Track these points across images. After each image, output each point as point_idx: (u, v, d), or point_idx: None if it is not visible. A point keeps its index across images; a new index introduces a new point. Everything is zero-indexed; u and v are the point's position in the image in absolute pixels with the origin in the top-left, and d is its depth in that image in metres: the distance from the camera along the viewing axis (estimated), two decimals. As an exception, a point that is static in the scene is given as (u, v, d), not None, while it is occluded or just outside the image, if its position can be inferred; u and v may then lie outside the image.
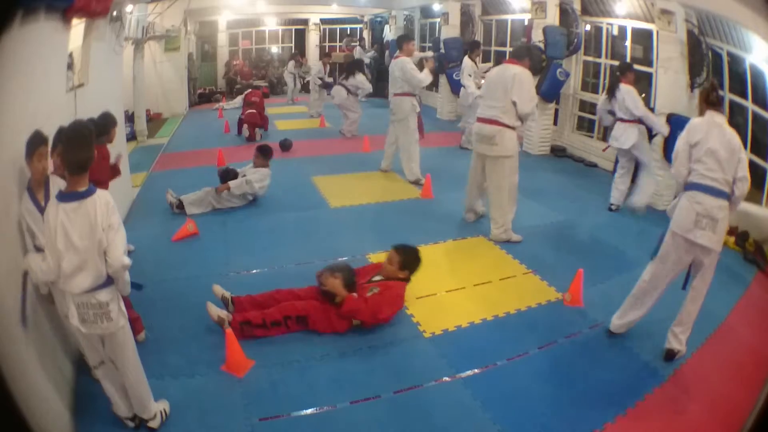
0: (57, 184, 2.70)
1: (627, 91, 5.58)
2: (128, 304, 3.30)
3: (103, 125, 3.74)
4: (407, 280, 3.82)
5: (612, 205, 5.95)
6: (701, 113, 3.24)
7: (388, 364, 3.29)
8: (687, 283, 3.34)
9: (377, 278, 3.82)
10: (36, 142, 2.55)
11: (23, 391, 1.92)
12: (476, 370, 3.22)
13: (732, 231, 5.12)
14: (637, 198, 5.85)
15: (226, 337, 3.21)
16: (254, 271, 4.45)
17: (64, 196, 2.30)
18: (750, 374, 3.06)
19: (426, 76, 6.47)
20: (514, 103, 4.81)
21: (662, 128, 5.68)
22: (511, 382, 3.14)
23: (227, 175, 5.89)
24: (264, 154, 6.18)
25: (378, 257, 4.68)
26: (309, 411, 2.88)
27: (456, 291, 4.18)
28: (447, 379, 3.16)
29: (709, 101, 3.20)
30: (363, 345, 3.46)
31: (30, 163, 2.55)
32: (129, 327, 2.58)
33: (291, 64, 13.80)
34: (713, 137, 3.10)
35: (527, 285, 4.31)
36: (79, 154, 2.30)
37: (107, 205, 2.33)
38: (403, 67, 6.53)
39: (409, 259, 3.84)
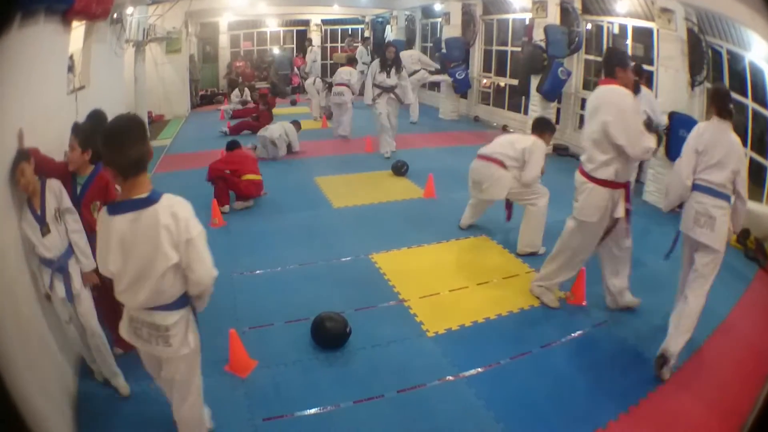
0: (52, 188, 2.64)
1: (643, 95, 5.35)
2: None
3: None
4: None
5: None
6: (708, 117, 3.22)
7: (391, 363, 3.30)
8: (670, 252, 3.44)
9: None
10: (15, 160, 2.49)
11: (24, 396, 1.91)
12: (479, 369, 3.23)
13: (734, 229, 5.12)
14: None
15: (229, 338, 3.23)
16: (258, 271, 4.46)
17: (119, 206, 2.00)
18: (752, 372, 3.06)
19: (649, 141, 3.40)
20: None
21: None
22: (514, 381, 3.15)
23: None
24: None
25: (381, 257, 4.70)
26: (312, 411, 2.89)
27: (459, 290, 4.18)
28: (450, 378, 3.16)
29: (721, 113, 3.14)
30: (366, 344, 3.47)
31: (15, 182, 2.48)
32: (195, 357, 2.28)
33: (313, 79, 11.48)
34: (720, 146, 3.12)
35: (530, 284, 4.30)
36: (126, 152, 1.92)
37: (175, 218, 2.00)
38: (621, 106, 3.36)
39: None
